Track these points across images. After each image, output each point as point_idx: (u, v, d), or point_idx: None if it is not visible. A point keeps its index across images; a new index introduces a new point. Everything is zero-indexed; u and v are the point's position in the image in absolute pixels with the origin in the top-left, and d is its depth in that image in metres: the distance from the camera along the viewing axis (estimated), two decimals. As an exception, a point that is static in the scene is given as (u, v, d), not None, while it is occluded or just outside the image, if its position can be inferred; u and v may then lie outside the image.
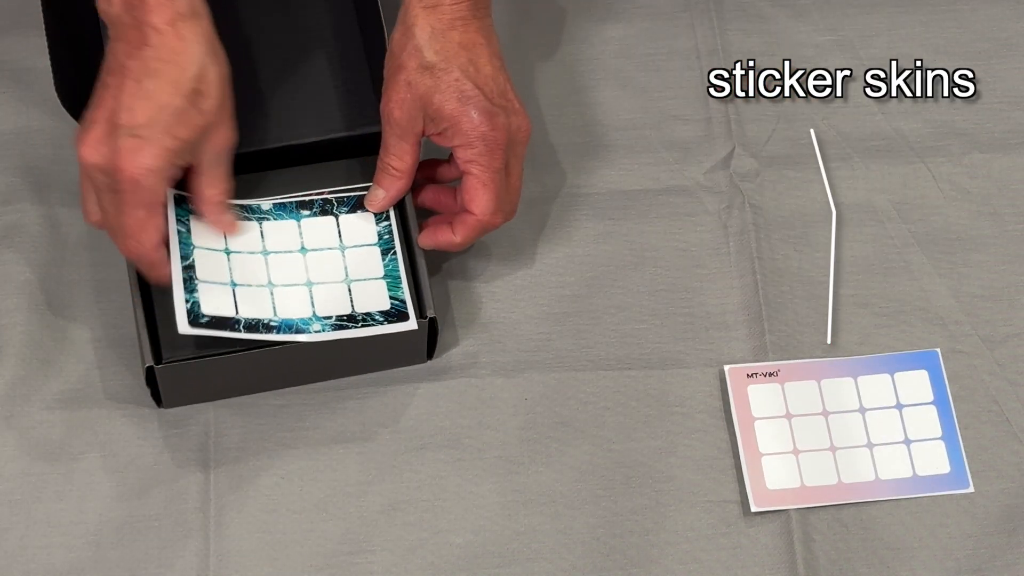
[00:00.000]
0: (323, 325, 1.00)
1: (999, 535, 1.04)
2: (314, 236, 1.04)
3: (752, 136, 1.16)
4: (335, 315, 1.01)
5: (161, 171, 0.95)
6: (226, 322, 0.99)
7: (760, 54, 1.19)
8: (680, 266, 1.12)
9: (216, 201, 1.00)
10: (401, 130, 1.02)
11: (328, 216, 1.05)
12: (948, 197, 1.15)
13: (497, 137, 1.01)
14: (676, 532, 1.03)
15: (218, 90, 0.96)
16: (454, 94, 1.00)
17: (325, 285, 1.02)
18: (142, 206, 0.95)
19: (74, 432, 1.04)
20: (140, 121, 0.94)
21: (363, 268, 1.03)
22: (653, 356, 1.09)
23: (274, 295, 1.01)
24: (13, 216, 1.09)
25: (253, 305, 1.00)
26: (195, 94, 0.95)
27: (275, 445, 1.04)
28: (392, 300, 1.02)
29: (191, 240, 1.01)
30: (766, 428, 1.06)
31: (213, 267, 1.01)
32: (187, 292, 0.99)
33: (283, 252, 1.03)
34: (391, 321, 1.01)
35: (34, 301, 1.07)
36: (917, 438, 1.07)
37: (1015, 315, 1.11)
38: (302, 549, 1.02)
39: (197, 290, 0.99)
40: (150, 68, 0.94)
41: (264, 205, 1.04)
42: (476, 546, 1.02)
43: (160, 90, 0.94)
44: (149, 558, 1.01)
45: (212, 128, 0.96)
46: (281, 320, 1.00)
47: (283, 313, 1.01)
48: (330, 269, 1.03)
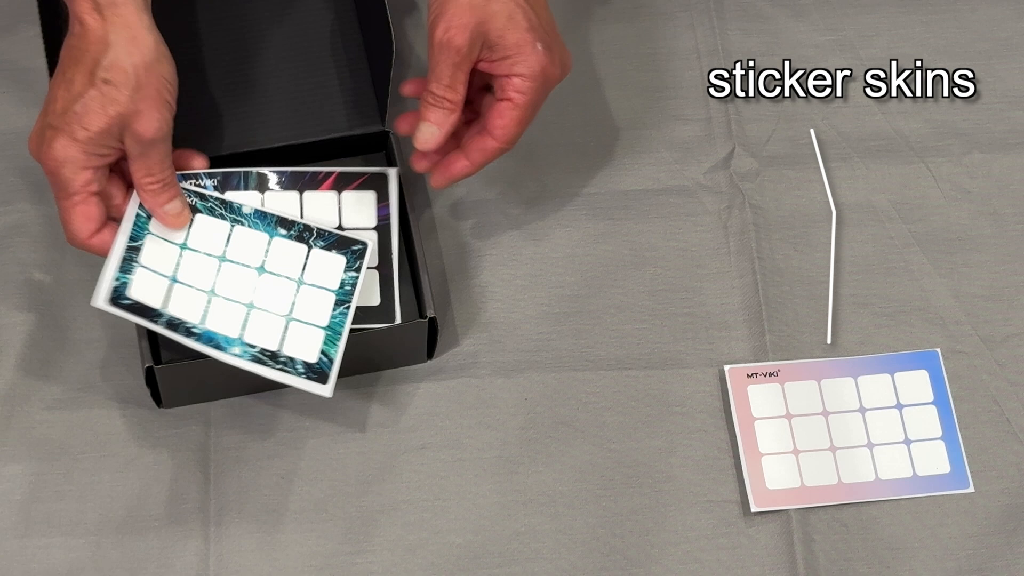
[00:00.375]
0: (243, 351, 0.98)
1: (999, 535, 1.04)
2: (278, 259, 1.01)
3: (752, 136, 1.16)
4: (260, 346, 0.99)
5: (75, 161, 0.93)
6: (147, 312, 0.97)
7: (760, 54, 1.19)
8: (680, 266, 1.12)
9: (148, 189, 0.97)
10: (461, 57, 0.97)
11: (302, 244, 1.02)
12: (948, 197, 1.15)
13: (553, 73, 0.99)
14: (676, 532, 1.03)
15: (131, 77, 0.93)
16: (521, 22, 0.97)
17: (265, 313, 1.00)
18: (64, 196, 0.95)
19: (74, 432, 1.04)
20: (58, 111, 0.93)
21: (309, 311, 1.00)
22: (653, 356, 1.09)
23: (210, 304, 0.99)
24: (13, 216, 1.09)
25: (183, 305, 0.99)
26: (105, 83, 0.93)
27: (275, 445, 1.04)
28: (321, 355, 0.99)
29: (147, 225, 0.99)
30: (766, 428, 1.06)
31: (160, 257, 0.99)
32: (120, 271, 0.97)
33: (240, 264, 1.01)
34: (309, 377, 0.98)
35: (34, 301, 1.07)
36: (917, 438, 1.07)
37: (1015, 315, 1.11)
38: (302, 549, 1.02)
39: (132, 272, 0.97)
40: (73, 57, 0.93)
41: (245, 208, 1.02)
42: (476, 546, 1.02)
43: (76, 79, 0.93)
44: (149, 558, 1.01)
45: (130, 117, 0.93)
46: (204, 330, 0.98)
47: (210, 324, 0.98)
48: (277, 299, 1.00)
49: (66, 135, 0.93)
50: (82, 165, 0.94)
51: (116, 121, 0.93)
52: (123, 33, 0.93)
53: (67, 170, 0.94)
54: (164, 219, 0.99)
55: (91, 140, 0.93)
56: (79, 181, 0.94)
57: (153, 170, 0.97)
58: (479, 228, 1.12)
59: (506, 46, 0.97)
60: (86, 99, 0.93)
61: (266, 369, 0.98)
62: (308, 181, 1.04)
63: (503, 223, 1.12)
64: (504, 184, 1.13)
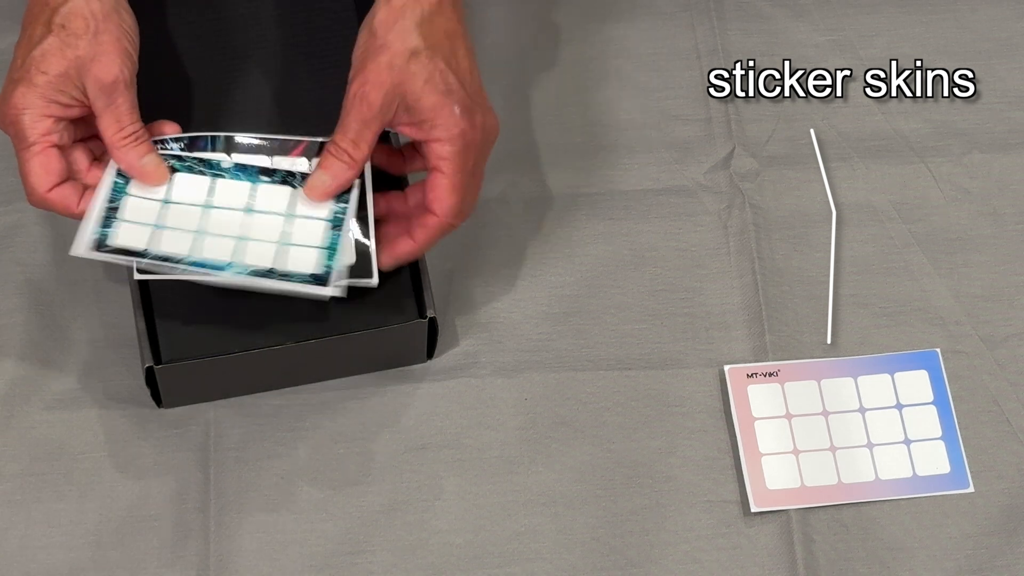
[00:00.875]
0: (238, 271, 0.96)
1: (999, 535, 1.04)
2: (264, 200, 0.99)
3: (752, 136, 1.16)
4: (255, 265, 0.97)
5: (33, 107, 0.92)
6: (131, 253, 0.96)
7: (760, 54, 1.19)
8: (680, 266, 1.12)
9: (120, 145, 0.95)
10: (372, 115, 0.94)
11: (286, 186, 1.00)
12: (948, 197, 1.15)
13: (475, 137, 0.96)
14: (676, 532, 1.03)
15: (89, 22, 0.93)
16: (440, 85, 0.95)
17: (256, 242, 0.98)
18: (23, 146, 0.93)
19: (74, 432, 1.04)
20: (18, 65, 0.93)
21: (304, 236, 0.98)
22: (653, 356, 1.09)
23: (196, 239, 0.97)
24: (13, 216, 1.09)
25: (169, 243, 0.96)
26: (62, 29, 0.92)
27: (275, 445, 1.04)
28: (325, 268, 0.97)
29: (126, 189, 0.97)
30: (766, 428, 1.06)
31: (142, 211, 0.97)
32: (101, 226, 0.95)
33: (226, 208, 0.99)
34: (312, 284, 0.96)
35: (34, 301, 1.07)
36: (917, 438, 1.07)
37: (1015, 315, 1.11)
38: (302, 549, 1.02)
39: (112, 226, 0.96)
40: (32, 15, 0.94)
41: (225, 163, 1.00)
42: (476, 546, 1.02)
43: (35, 32, 0.93)
44: (149, 558, 1.01)
45: (88, 61, 0.92)
46: (194, 260, 0.96)
47: (199, 255, 0.96)
48: (268, 231, 0.98)
49: (25, 83, 0.92)
50: (41, 112, 0.93)
51: (74, 64, 0.92)
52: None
53: (26, 118, 0.92)
54: (142, 174, 0.96)
55: (50, 84, 0.92)
56: (38, 130, 0.93)
57: (123, 121, 0.95)
58: (479, 228, 1.12)
59: (423, 109, 0.95)
60: (44, 45, 0.92)
61: (265, 280, 0.96)
62: (278, 148, 1.02)
63: (503, 223, 1.12)
64: (504, 184, 1.13)
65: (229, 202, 0.99)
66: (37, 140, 0.93)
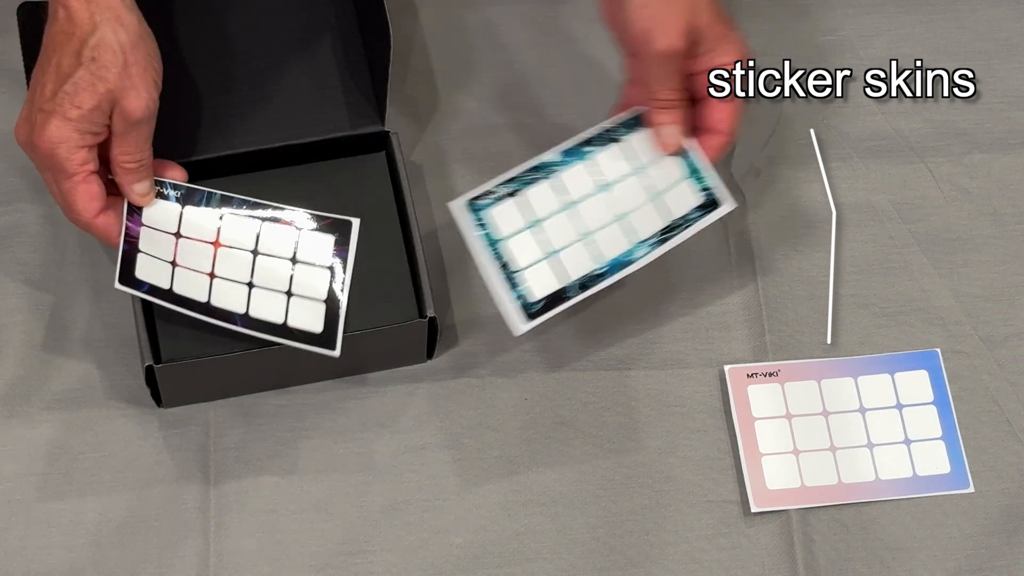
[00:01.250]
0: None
1: (999, 535, 1.04)
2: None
3: (752, 136, 1.16)
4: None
5: (69, 141, 0.94)
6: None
7: (760, 54, 1.19)
8: (680, 266, 1.12)
9: (124, 167, 0.98)
10: (683, 60, 0.99)
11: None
12: (948, 197, 1.15)
13: (748, 56, 1.01)
14: (676, 532, 1.03)
15: (118, 54, 0.94)
16: (719, 12, 1.00)
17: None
18: (63, 178, 0.96)
19: (74, 432, 1.04)
20: (47, 95, 0.94)
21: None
22: (653, 356, 1.09)
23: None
24: (13, 216, 1.09)
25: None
26: (93, 62, 0.94)
27: (275, 445, 1.04)
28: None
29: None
30: (766, 428, 1.06)
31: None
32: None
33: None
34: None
35: (34, 301, 1.07)
36: (917, 438, 1.07)
37: (1015, 315, 1.11)
38: (302, 549, 1.02)
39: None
40: (57, 42, 0.95)
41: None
42: (476, 546, 1.02)
43: (63, 62, 0.94)
44: (149, 558, 1.01)
45: (119, 94, 0.95)
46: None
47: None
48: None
49: (58, 116, 0.94)
50: (77, 144, 0.95)
51: (106, 98, 0.94)
52: (107, 14, 0.94)
53: (63, 150, 0.95)
54: (130, 196, 0.99)
55: (83, 118, 0.94)
56: (76, 160, 0.95)
57: (132, 149, 0.98)
58: (479, 228, 1.12)
59: (711, 38, 1.00)
60: (75, 78, 0.94)
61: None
62: (270, 215, 1.03)
63: (503, 223, 1.12)
64: (504, 184, 1.13)
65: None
66: (77, 171, 0.96)
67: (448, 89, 1.16)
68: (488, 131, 1.15)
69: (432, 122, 1.15)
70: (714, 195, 1.03)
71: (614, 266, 1.01)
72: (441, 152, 1.11)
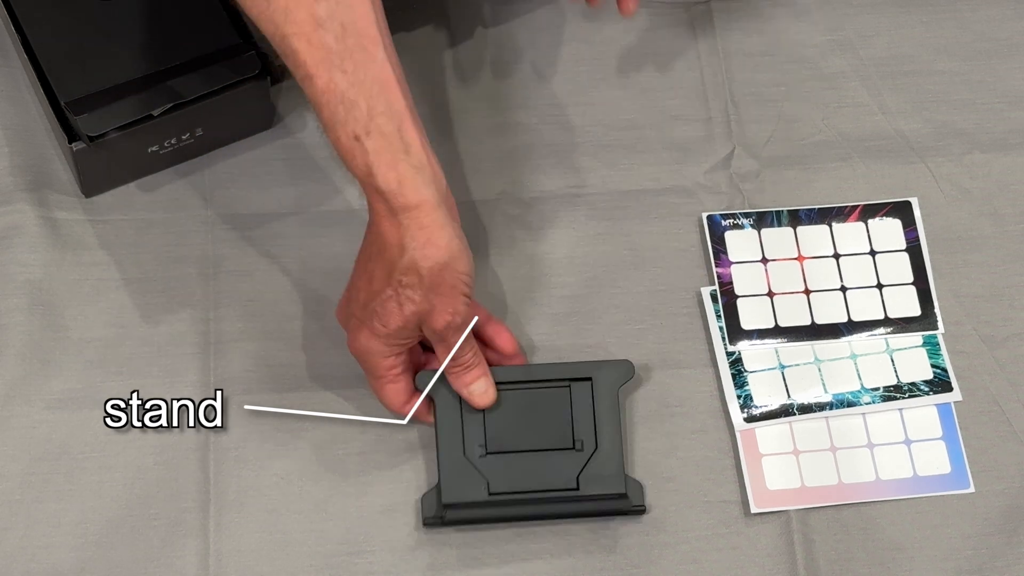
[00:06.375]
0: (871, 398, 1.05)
1: (999, 535, 1.04)
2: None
3: (752, 136, 1.16)
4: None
5: (378, 352, 0.99)
6: None
7: (760, 54, 1.19)
8: (680, 266, 1.12)
9: (450, 372, 1.01)
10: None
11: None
12: (948, 197, 1.15)
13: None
14: (676, 532, 1.03)
15: (425, 280, 0.95)
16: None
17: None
18: (373, 377, 1.02)
19: (74, 432, 1.04)
20: (360, 303, 0.98)
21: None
22: (653, 356, 1.09)
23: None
24: (13, 216, 1.09)
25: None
26: (401, 285, 0.95)
27: (275, 445, 1.04)
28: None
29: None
30: (766, 428, 1.06)
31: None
32: None
33: None
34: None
35: (34, 301, 1.07)
36: (917, 438, 1.07)
37: (1015, 315, 1.11)
38: (302, 549, 1.02)
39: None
40: (372, 252, 0.97)
41: None
42: (475, 546, 1.02)
43: (376, 276, 0.97)
44: (149, 558, 1.01)
45: (425, 314, 0.97)
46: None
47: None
48: None
49: (368, 329, 0.98)
50: (385, 355, 1.00)
51: (412, 319, 0.97)
52: (418, 237, 0.94)
53: (372, 358, 1.00)
54: (470, 399, 1.02)
55: (390, 336, 0.98)
56: (384, 366, 1.00)
57: (456, 355, 1.00)
58: (479, 228, 1.12)
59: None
60: (383, 298, 0.96)
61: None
62: (835, 215, 1.09)
63: (503, 223, 1.12)
64: (504, 184, 1.13)
65: None
66: (384, 375, 1.01)
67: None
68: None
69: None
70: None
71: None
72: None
